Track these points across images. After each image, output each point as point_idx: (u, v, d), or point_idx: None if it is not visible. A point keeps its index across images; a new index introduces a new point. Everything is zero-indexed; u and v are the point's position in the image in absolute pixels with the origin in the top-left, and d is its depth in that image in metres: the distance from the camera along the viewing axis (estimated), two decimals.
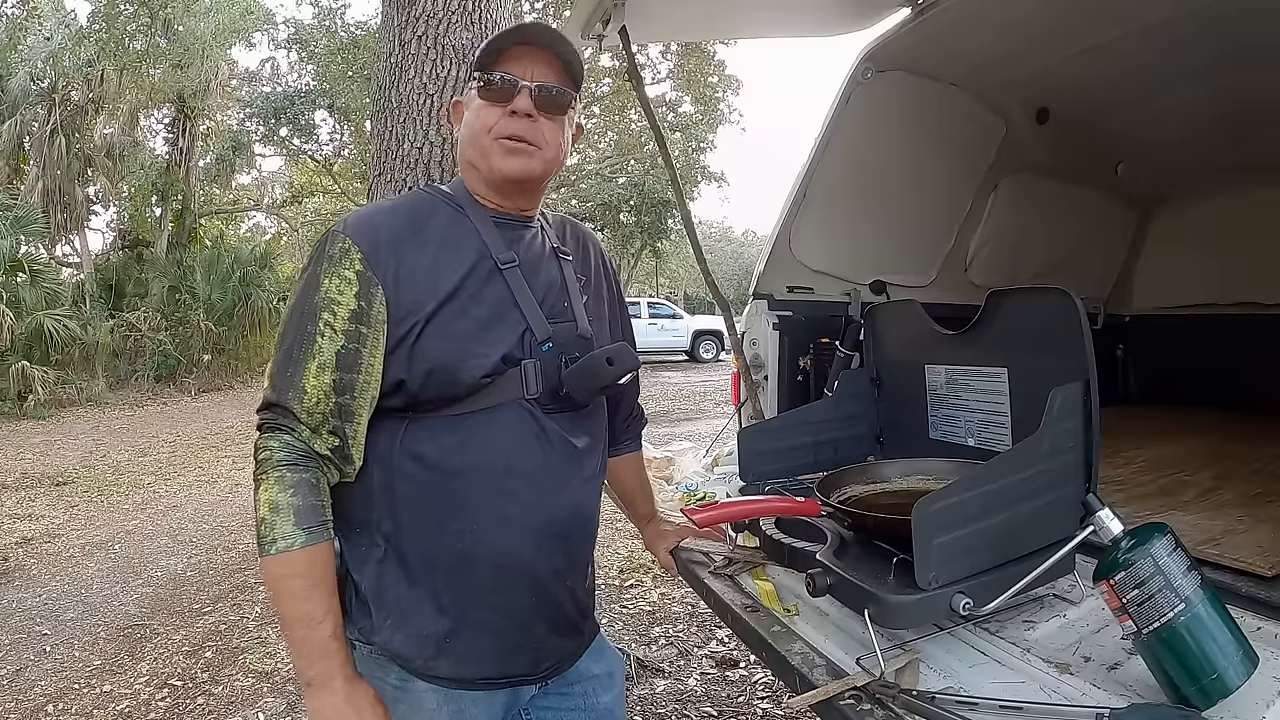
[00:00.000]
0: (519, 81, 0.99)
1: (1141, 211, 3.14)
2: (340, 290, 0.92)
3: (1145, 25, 1.87)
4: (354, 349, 0.92)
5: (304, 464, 0.90)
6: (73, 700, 2.71)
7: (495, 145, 1.00)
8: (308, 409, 0.91)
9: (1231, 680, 0.74)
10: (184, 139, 15.03)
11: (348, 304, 0.92)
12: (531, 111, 1.00)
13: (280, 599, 0.90)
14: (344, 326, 0.92)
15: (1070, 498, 0.99)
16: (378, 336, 0.93)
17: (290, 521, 0.87)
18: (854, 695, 0.86)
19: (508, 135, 1.00)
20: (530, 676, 1.04)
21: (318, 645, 0.89)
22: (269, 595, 0.93)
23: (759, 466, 1.58)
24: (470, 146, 1.03)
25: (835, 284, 2.33)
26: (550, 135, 1.02)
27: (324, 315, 0.92)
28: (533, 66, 1.01)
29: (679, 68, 15.58)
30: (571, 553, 1.05)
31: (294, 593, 0.88)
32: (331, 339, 0.92)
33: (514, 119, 0.99)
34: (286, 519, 0.87)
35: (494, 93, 1.00)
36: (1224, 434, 2.27)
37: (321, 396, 0.91)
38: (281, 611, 0.90)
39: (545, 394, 0.99)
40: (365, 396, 0.93)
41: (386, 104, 2.32)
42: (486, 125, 1.00)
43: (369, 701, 0.91)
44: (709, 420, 8.50)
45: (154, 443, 7.94)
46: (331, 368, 0.91)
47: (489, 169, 1.02)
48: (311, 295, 0.93)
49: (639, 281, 29.68)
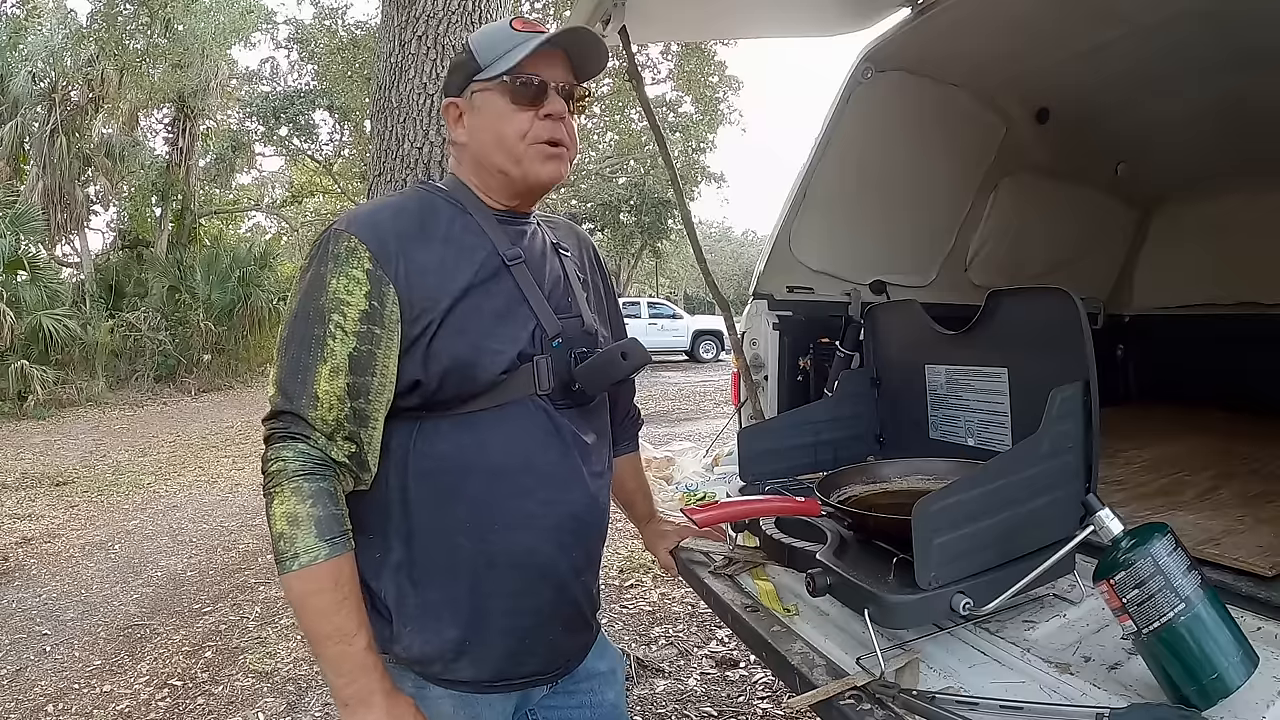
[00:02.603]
0: (550, 84, 0.97)
1: (1141, 211, 3.14)
2: (349, 290, 0.89)
3: (1145, 25, 1.87)
4: (367, 350, 0.89)
5: (321, 473, 0.86)
6: (73, 700, 2.71)
7: (532, 150, 0.97)
8: (321, 415, 0.87)
9: (1231, 680, 0.74)
10: (184, 139, 15.03)
11: (358, 304, 0.89)
12: (565, 114, 0.98)
13: (308, 616, 0.85)
14: (355, 328, 0.88)
15: (1070, 498, 0.99)
16: (391, 337, 0.90)
17: (311, 534, 0.83)
18: (854, 695, 0.86)
19: (546, 140, 0.97)
20: (545, 675, 1.04)
21: (354, 661, 0.85)
22: (295, 613, 0.88)
23: (759, 466, 1.58)
24: (497, 151, 0.98)
25: (835, 284, 2.33)
26: (574, 134, 1.02)
27: (333, 317, 0.88)
28: (557, 69, 0.99)
29: (679, 68, 15.59)
30: (588, 549, 1.05)
31: (322, 609, 0.84)
32: (343, 341, 0.88)
33: (548, 123, 0.97)
34: (307, 532, 0.83)
35: (526, 97, 0.96)
36: (1224, 434, 2.27)
37: (335, 402, 0.87)
38: (310, 629, 0.85)
39: (557, 389, 0.99)
40: (380, 399, 0.90)
41: (386, 104, 2.33)
42: (520, 130, 0.96)
43: (410, 713, 0.88)
44: (709, 420, 8.50)
45: (154, 443, 7.93)
46: (345, 371, 0.88)
47: (523, 175, 0.99)
48: (318, 296, 0.89)
49: (639, 281, 29.67)
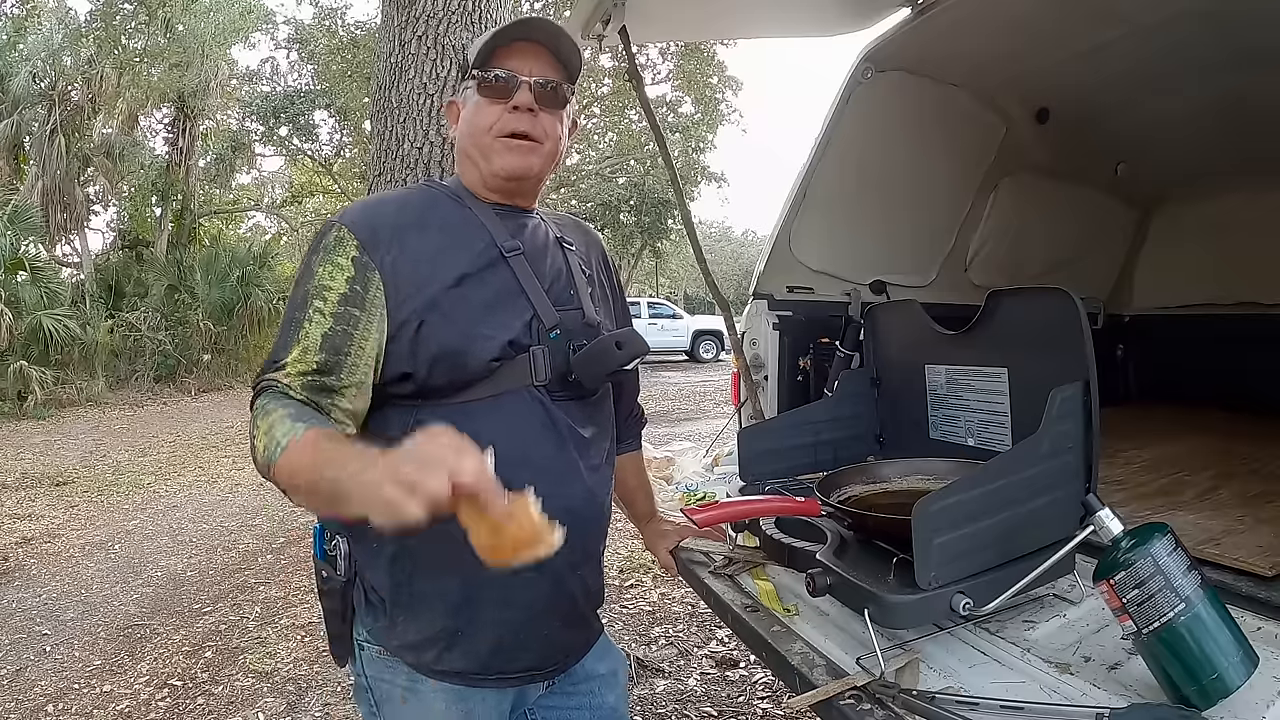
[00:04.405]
0: (518, 77, 0.99)
1: (1141, 211, 3.14)
2: (332, 276, 0.92)
3: (1145, 25, 1.87)
4: (342, 331, 0.91)
5: (292, 399, 0.89)
6: (73, 700, 2.71)
7: (497, 143, 1.00)
8: (290, 376, 0.89)
9: (1231, 680, 0.74)
10: (184, 139, 15.03)
11: (338, 289, 0.92)
12: (533, 106, 1.00)
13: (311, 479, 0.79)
14: (333, 310, 0.91)
15: (1070, 498, 0.99)
16: (370, 320, 0.92)
17: (286, 424, 0.82)
18: (854, 695, 0.86)
19: (510, 132, 0.99)
20: (540, 671, 1.04)
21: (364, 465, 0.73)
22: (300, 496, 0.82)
23: (759, 466, 1.58)
24: (470, 144, 1.03)
25: (835, 284, 2.32)
26: (550, 129, 1.02)
27: (314, 303, 0.92)
28: (530, 62, 1.00)
29: (679, 68, 15.59)
30: (585, 543, 1.05)
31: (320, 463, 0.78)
32: (319, 323, 0.91)
33: (515, 115, 0.99)
34: (282, 425, 0.82)
35: (493, 89, 0.99)
36: (1224, 434, 2.27)
37: (306, 370, 0.90)
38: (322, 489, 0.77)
39: (554, 381, 0.99)
40: (351, 378, 0.92)
41: (386, 104, 2.33)
42: (488, 123, 1.00)
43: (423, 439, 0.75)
44: (709, 420, 8.50)
45: (154, 443, 7.93)
46: (316, 349, 0.90)
47: (489, 167, 1.02)
48: (305, 284, 0.94)
49: (639, 281, 29.69)
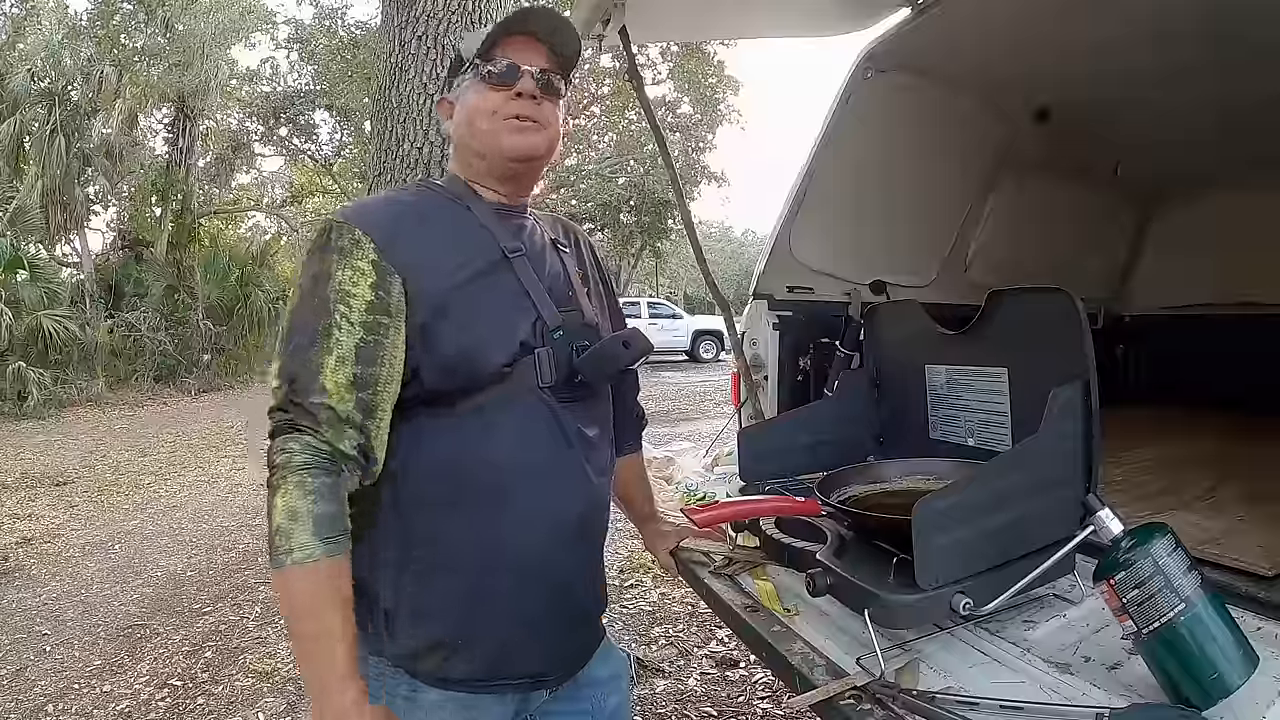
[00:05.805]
0: (520, 66, 1.01)
1: (1141, 211, 3.14)
2: (354, 282, 0.89)
3: (1145, 25, 1.87)
4: (374, 341, 0.88)
5: (326, 467, 0.85)
6: (73, 700, 2.71)
7: (504, 125, 1.00)
8: (329, 405, 0.85)
9: (1232, 680, 0.74)
10: (184, 139, 15.01)
11: (363, 295, 0.89)
12: (536, 93, 1.01)
13: (295, 615, 0.83)
14: (361, 319, 0.88)
15: (1070, 498, 0.98)
16: (398, 327, 0.90)
17: (309, 531, 0.81)
18: (854, 695, 0.85)
19: (515, 114, 1.00)
20: (545, 676, 1.02)
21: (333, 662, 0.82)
22: (281, 609, 0.86)
23: (759, 466, 1.57)
24: (473, 133, 1.02)
25: (835, 284, 2.32)
26: (551, 116, 1.04)
27: (339, 308, 0.88)
28: (530, 53, 1.02)
29: (679, 68, 15.60)
30: (590, 547, 1.05)
31: (310, 609, 0.82)
32: (349, 332, 0.87)
33: (519, 101, 1.00)
34: (305, 528, 0.81)
35: (497, 78, 1.00)
36: (1224, 434, 2.27)
37: (343, 393, 0.86)
38: (295, 628, 0.84)
39: (559, 383, 0.99)
40: (388, 390, 0.90)
41: (386, 104, 2.33)
42: (492, 108, 1.00)
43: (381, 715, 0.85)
44: (709, 420, 8.50)
45: (154, 443, 7.93)
46: (351, 361, 0.87)
47: (497, 149, 1.01)
48: (322, 288, 0.89)
49: (639, 281, 29.65)
